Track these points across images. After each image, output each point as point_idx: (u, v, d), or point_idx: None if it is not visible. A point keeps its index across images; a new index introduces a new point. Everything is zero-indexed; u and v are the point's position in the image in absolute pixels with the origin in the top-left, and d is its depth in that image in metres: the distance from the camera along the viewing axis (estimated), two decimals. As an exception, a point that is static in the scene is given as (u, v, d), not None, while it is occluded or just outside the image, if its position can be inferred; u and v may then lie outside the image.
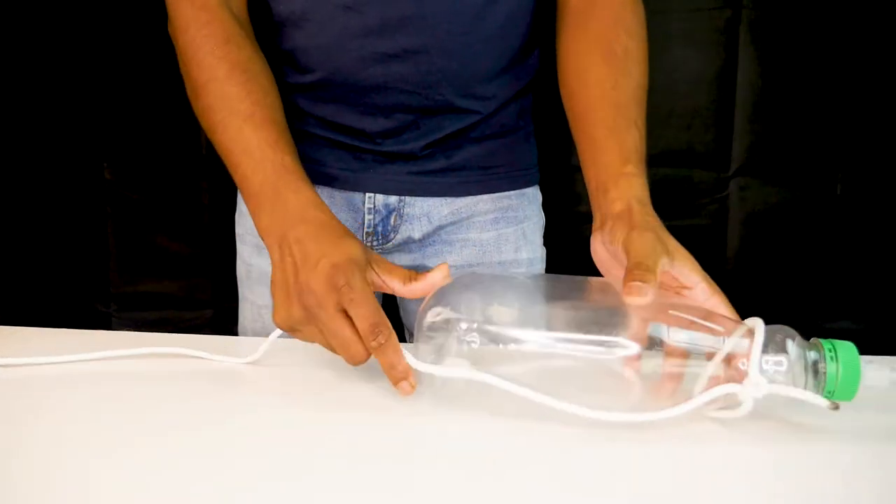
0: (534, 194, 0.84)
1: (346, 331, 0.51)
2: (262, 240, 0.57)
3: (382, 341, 0.50)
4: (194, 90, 0.64)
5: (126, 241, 1.21)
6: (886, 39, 1.11)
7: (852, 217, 1.16)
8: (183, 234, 1.23)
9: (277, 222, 0.56)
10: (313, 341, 0.54)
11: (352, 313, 0.50)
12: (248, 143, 0.59)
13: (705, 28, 1.12)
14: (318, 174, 0.75)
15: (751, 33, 1.11)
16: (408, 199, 0.77)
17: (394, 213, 0.77)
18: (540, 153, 0.84)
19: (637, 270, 0.48)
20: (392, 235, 0.79)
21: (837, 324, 1.19)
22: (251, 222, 0.60)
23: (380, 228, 0.78)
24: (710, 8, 1.11)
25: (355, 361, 0.52)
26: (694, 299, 0.51)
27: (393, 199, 0.77)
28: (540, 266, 0.84)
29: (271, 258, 0.56)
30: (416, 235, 0.79)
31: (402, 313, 0.90)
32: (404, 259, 0.81)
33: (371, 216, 0.77)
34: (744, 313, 0.50)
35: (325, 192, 0.77)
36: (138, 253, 1.22)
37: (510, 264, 0.80)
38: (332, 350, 0.53)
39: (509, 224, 0.80)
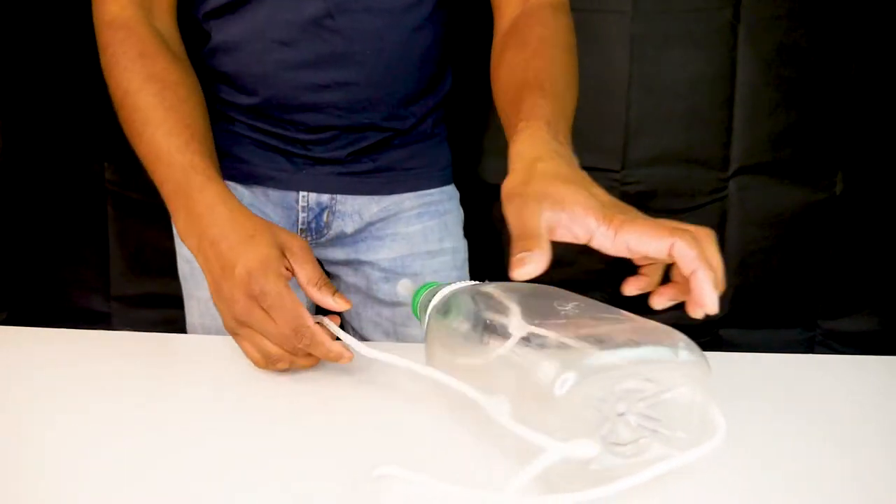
0: (452, 191, 0.91)
1: (273, 327, 0.55)
2: (183, 242, 0.62)
3: (307, 342, 0.54)
4: (115, 105, 0.68)
5: (126, 241, 1.21)
6: (886, 39, 1.11)
7: (852, 217, 1.16)
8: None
9: (191, 225, 0.60)
10: (250, 348, 0.57)
11: (273, 318, 0.54)
12: (159, 149, 0.63)
13: (705, 28, 1.12)
14: (253, 175, 0.82)
15: (751, 33, 1.11)
16: (339, 196, 0.83)
17: (326, 210, 0.83)
18: (456, 156, 0.92)
19: (519, 242, 0.46)
20: (326, 231, 0.85)
21: (837, 323, 1.19)
22: None
23: (313, 225, 0.84)
24: (710, 8, 1.11)
25: (294, 350, 0.55)
26: (600, 244, 0.46)
27: (325, 197, 0.83)
28: (463, 255, 0.90)
29: (198, 262, 0.60)
30: (349, 230, 0.85)
31: None
32: (338, 253, 0.87)
33: (305, 213, 0.84)
34: (744, 312, 0.50)
35: (259, 191, 0.83)
36: (138, 253, 1.22)
37: (437, 253, 0.86)
38: (268, 353, 0.56)
39: (432, 217, 0.87)
